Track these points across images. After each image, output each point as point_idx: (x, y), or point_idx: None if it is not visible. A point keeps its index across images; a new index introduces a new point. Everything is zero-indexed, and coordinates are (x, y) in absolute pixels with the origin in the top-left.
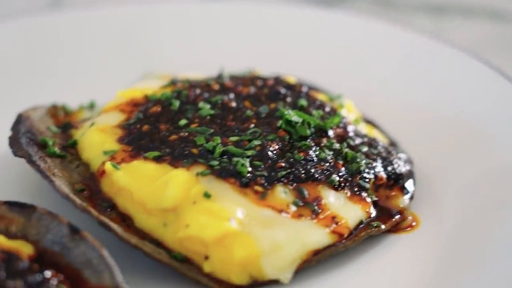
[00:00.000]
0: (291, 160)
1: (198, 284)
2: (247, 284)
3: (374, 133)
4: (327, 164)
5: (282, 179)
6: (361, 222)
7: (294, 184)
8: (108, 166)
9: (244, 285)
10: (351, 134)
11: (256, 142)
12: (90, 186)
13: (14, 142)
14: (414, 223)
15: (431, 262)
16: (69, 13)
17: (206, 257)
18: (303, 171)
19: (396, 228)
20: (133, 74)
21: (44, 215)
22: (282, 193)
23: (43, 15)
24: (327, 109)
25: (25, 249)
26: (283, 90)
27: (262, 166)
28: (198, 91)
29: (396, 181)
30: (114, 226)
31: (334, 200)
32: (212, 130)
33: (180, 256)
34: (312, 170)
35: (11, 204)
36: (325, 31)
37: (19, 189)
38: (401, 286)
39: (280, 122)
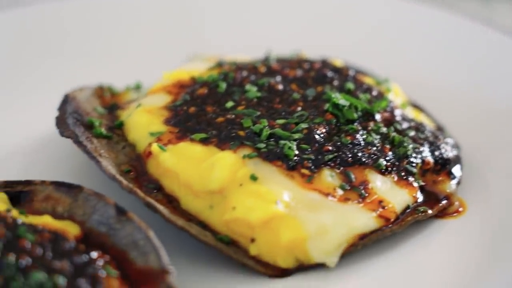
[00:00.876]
0: (338, 143)
1: (244, 267)
2: (293, 268)
3: (421, 118)
4: (374, 148)
5: (329, 162)
6: (407, 207)
7: (341, 168)
8: (155, 147)
9: (290, 268)
10: (398, 118)
11: (303, 125)
12: (136, 167)
13: (60, 123)
14: (461, 209)
15: (477, 248)
16: None
17: (252, 240)
18: (350, 155)
19: (442, 214)
20: (179, 55)
21: (90, 196)
22: (329, 177)
23: None
24: (374, 93)
25: (71, 230)
26: (330, 73)
27: (309, 149)
28: (244, 73)
29: (443, 166)
30: (160, 207)
31: (381, 184)
32: (258, 113)
33: (226, 238)
34: (359, 154)
35: (58, 185)
36: (372, 13)
37: (66, 169)
38: (447, 272)
39: (327, 106)
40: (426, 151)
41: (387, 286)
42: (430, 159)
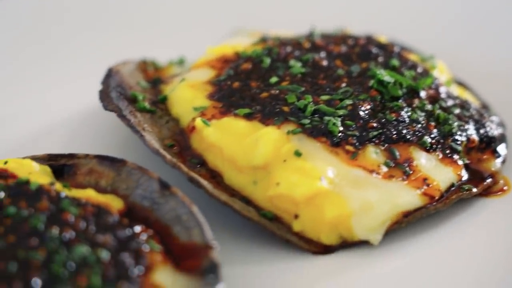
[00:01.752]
0: (383, 120)
1: (287, 243)
2: (337, 245)
3: (466, 95)
4: (419, 125)
5: (374, 139)
6: (452, 185)
7: (386, 145)
8: (199, 122)
9: (333, 245)
10: (443, 95)
11: (348, 102)
12: (180, 142)
13: (104, 96)
14: (505, 187)
15: None
16: None
17: (296, 216)
18: (394, 132)
19: (487, 192)
20: (223, 30)
21: (134, 170)
22: (373, 154)
23: None
24: (419, 70)
25: (114, 204)
26: (374, 50)
27: (354, 126)
28: (289, 49)
29: (488, 144)
30: (204, 182)
31: (425, 162)
32: (303, 89)
33: (269, 214)
34: (404, 131)
35: (101, 158)
36: None
37: (109, 143)
38: (491, 250)
39: (371, 82)
40: (471, 129)
41: (431, 264)
42: (475, 137)
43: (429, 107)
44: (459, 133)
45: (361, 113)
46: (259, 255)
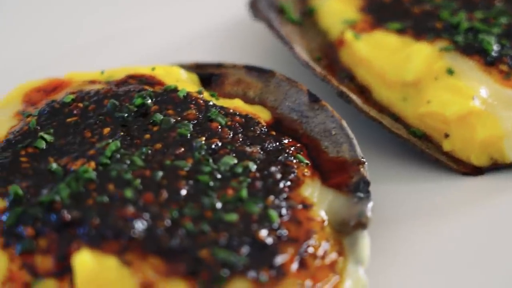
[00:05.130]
0: None
1: (436, 162)
2: (487, 166)
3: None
4: None
5: None
6: None
7: None
8: (349, 35)
9: (483, 166)
10: None
11: (503, 20)
12: (328, 56)
13: (253, 6)
14: None
15: None
16: None
17: (446, 135)
18: None
19: None
20: None
21: (283, 81)
22: None
23: None
24: None
25: (262, 115)
26: None
27: (509, 45)
28: None
29: None
30: (353, 96)
31: None
32: (456, 5)
33: (419, 132)
34: None
35: (250, 68)
36: None
37: (257, 54)
38: None
39: None
40: None
41: None
42: None
43: None
44: None
45: None
46: (407, 173)
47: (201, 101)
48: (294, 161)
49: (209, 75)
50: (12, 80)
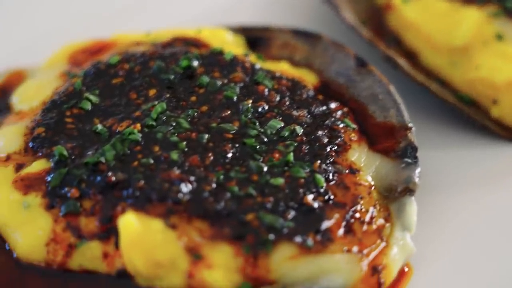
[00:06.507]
0: None
1: (483, 129)
2: None
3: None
4: None
5: None
6: None
7: None
8: None
9: None
10: None
11: None
12: (375, 20)
13: None
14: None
15: None
16: None
17: (495, 101)
18: None
19: None
20: None
21: (330, 45)
22: None
23: None
24: None
25: (309, 79)
26: None
27: None
28: None
29: None
30: (400, 61)
31: None
32: None
33: (466, 98)
34: None
35: (296, 32)
36: None
37: (303, 17)
38: None
39: None
40: None
41: None
42: None
43: None
44: None
45: None
46: (454, 140)
47: (248, 64)
48: (341, 125)
49: (255, 38)
50: (58, 41)
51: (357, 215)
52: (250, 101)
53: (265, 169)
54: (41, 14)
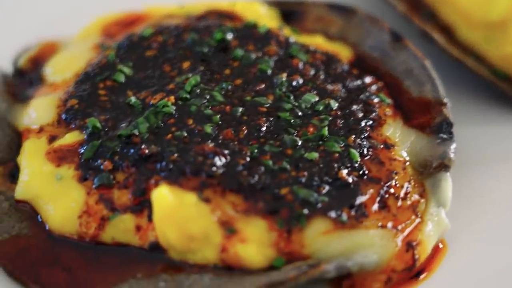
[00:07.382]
0: None
1: None
2: None
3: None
4: None
5: None
6: None
7: None
8: None
9: None
10: None
11: None
12: None
13: None
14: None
15: None
16: None
17: None
18: None
19: None
20: None
21: (364, 19)
22: None
23: None
24: None
25: (343, 52)
26: None
27: None
28: None
29: None
30: (436, 35)
31: None
32: None
33: (502, 73)
34: None
35: (331, 6)
36: None
37: None
38: None
39: None
40: None
41: None
42: None
43: None
44: None
45: None
46: (490, 116)
47: (282, 38)
48: (376, 100)
49: (289, 11)
50: (91, 13)
51: (392, 190)
52: (285, 74)
53: (300, 143)
54: None
